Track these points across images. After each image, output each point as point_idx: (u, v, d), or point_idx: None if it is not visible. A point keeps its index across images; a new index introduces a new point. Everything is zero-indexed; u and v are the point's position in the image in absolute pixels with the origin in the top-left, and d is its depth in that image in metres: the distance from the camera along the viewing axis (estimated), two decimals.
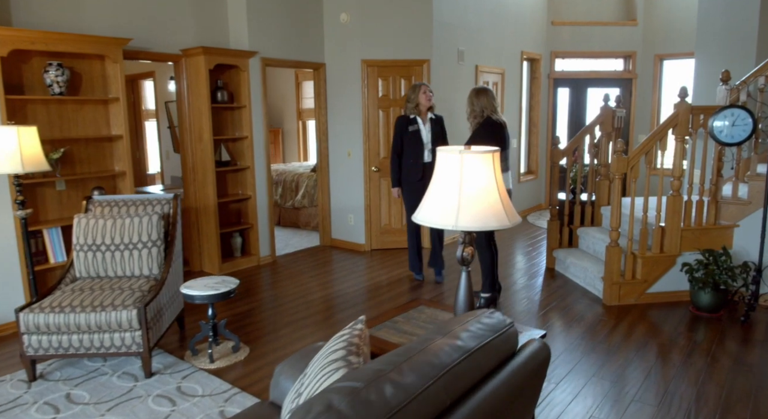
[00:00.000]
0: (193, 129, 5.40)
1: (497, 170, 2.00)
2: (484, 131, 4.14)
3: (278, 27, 5.76)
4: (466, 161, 1.94)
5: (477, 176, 1.93)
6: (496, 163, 2.00)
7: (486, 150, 1.98)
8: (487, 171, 1.95)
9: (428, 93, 4.81)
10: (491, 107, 4.19)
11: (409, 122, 4.83)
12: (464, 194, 1.93)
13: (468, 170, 1.93)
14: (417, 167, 4.78)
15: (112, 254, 3.70)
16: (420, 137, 4.81)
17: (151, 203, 3.99)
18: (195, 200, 5.53)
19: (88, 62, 4.61)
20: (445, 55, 6.28)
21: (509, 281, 5.14)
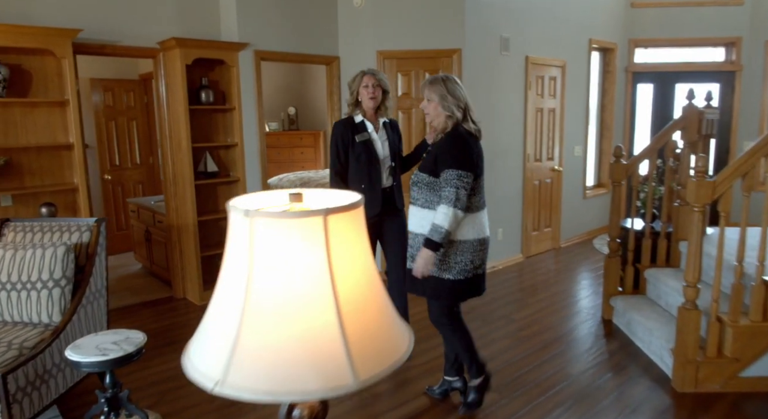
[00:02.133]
0: (172, 135, 4.64)
1: (357, 253, 0.93)
2: (460, 151, 2.55)
3: (278, 15, 4.87)
4: (262, 234, 0.88)
5: (288, 269, 0.87)
6: (354, 236, 0.93)
7: (333, 203, 0.92)
8: (315, 258, 0.88)
9: (372, 86, 3.23)
10: (468, 106, 2.68)
11: (355, 129, 3.31)
12: (251, 312, 0.88)
13: (267, 255, 0.88)
14: (373, 194, 3.28)
15: (8, 295, 2.95)
16: (373, 151, 3.29)
17: (70, 230, 3.22)
18: (176, 217, 4.77)
19: (40, 59, 3.95)
20: (483, 43, 5.10)
21: (546, 335, 3.91)
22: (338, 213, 0.88)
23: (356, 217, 0.94)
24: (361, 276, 0.93)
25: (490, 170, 5.36)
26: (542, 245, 6.25)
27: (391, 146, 3.38)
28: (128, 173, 6.51)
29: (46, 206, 3.96)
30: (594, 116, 6.97)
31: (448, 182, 2.52)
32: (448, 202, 2.50)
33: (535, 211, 6.07)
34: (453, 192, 2.50)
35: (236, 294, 0.90)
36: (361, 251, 0.95)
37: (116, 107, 6.34)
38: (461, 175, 2.52)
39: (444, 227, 2.50)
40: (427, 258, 2.56)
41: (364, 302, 0.92)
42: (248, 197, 1.01)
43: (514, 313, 4.38)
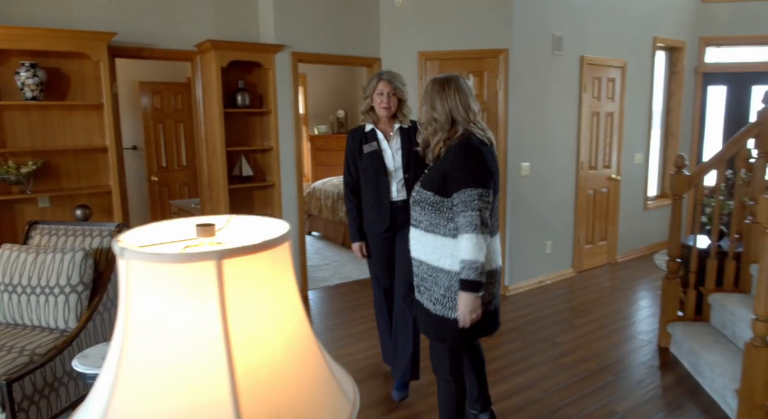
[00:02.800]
0: (207, 139, 4.59)
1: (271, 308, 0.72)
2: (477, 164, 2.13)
3: (317, 16, 4.73)
4: (138, 280, 0.68)
5: (169, 327, 0.67)
6: (269, 286, 0.72)
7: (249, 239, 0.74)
8: (204, 314, 0.67)
9: (388, 92, 2.90)
10: (469, 111, 2.20)
11: (363, 138, 3.04)
12: (125, 378, 0.69)
13: (144, 307, 0.68)
14: (381, 210, 2.99)
15: (28, 299, 2.94)
16: (382, 162, 3.00)
17: (92, 235, 3.18)
18: None
19: (78, 63, 3.98)
20: (534, 42, 4.77)
21: (593, 362, 3.55)
22: (241, 256, 0.67)
23: (275, 260, 0.72)
24: (277, 340, 0.72)
25: (538, 177, 5.06)
26: (596, 259, 5.81)
27: (406, 156, 3.01)
28: (174, 174, 6.58)
29: (81, 209, 3.97)
30: (658, 120, 6.43)
31: (468, 204, 2.07)
32: (473, 229, 2.06)
33: (588, 222, 5.65)
34: (476, 216, 2.06)
35: (112, 354, 0.71)
36: (280, 306, 0.73)
37: (164, 109, 6.43)
38: (482, 194, 2.09)
39: (479, 261, 2.07)
40: (471, 303, 2.11)
41: (276, 375, 0.71)
42: (154, 228, 0.81)
43: (559, 335, 4.03)
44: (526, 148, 4.87)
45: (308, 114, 8.36)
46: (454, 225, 2.14)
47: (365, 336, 4.03)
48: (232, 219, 0.87)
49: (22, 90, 3.70)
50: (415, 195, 2.28)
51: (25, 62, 3.67)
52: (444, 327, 2.23)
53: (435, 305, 2.23)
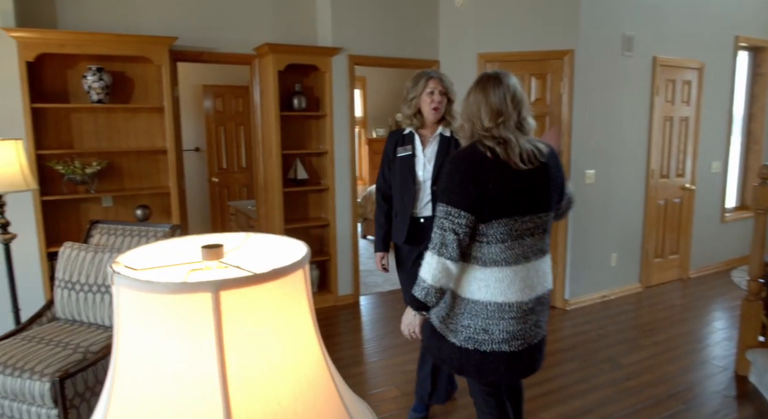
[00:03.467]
0: (264, 142, 4.62)
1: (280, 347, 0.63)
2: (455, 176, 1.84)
3: (374, 18, 4.67)
4: (128, 310, 0.61)
5: (159, 365, 0.59)
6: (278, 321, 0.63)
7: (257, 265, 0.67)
8: (197, 355, 0.59)
9: (440, 90, 2.66)
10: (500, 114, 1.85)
11: (399, 141, 2.78)
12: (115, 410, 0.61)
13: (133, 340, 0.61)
14: (402, 220, 2.75)
15: (85, 296, 3.01)
16: (412, 169, 2.72)
17: (147, 235, 3.23)
18: (265, 223, 4.74)
19: (141, 66, 4.09)
20: (601, 42, 4.51)
21: (660, 388, 3.28)
22: (243, 287, 0.58)
23: (285, 290, 0.63)
24: (285, 384, 0.62)
25: (603, 185, 4.77)
26: (666, 274, 5.43)
27: (438, 167, 2.68)
28: (234, 176, 6.70)
29: (141, 209, 4.09)
30: (738, 126, 5.96)
31: (437, 220, 1.84)
32: (432, 247, 1.83)
33: (658, 234, 5.29)
34: (439, 235, 1.81)
35: (105, 390, 0.64)
36: (290, 344, 0.64)
37: (225, 112, 6.56)
38: (449, 213, 1.80)
39: (426, 281, 1.83)
40: (408, 319, 1.95)
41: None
42: (163, 247, 0.74)
43: (623, 356, 3.76)
44: (591, 154, 4.61)
45: (367, 117, 8.33)
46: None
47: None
48: (250, 237, 0.78)
49: (88, 93, 3.83)
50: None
51: (92, 66, 3.80)
52: (444, 348, 1.98)
53: (439, 323, 2.01)
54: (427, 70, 2.77)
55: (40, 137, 3.74)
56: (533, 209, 1.87)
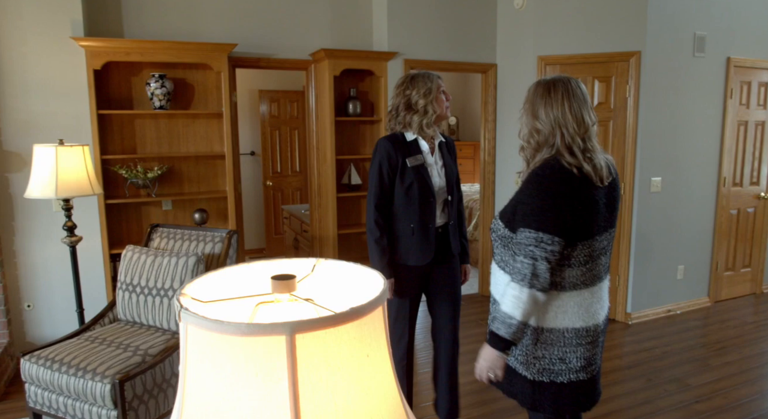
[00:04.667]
0: (318, 147, 4.62)
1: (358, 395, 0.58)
2: (544, 200, 1.67)
3: (430, 22, 4.60)
4: (196, 347, 0.57)
5: (227, 408, 0.55)
6: (354, 366, 0.58)
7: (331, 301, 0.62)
8: (270, 403, 0.54)
9: (446, 93, 2.54)
10: (580, 124, 1.70)
11: (405, 149, 2.50)
12: None
13: (200, 379, 0.57)
14: (425, 238, 2.50)
15: (146, 299, 3.08)
16: (428, 177, 2.51)
17: (205, 240, 3.28)
18: (319, 228, 4.75)
19: (202, 73, 4.18)
20: (670, 43, 4.28)
21: (734, 414, 3.05)
22: (320, 329, 0.53)
23: (363, 331, 0.58)
24: None
25: (670, 193, 4.51)
26: (737, 288, 5.10)
27: (449, 173, 2.57)
28: (287, 179, 6.77)
29: (199, 212, 4.17)
30: None
31: (522, 248, 1.66)
32: (520, 279, 1.64)
33: (729, 246, 4.98)
34: (528, 265, 1.63)
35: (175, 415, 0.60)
36: (367, 389, 0.58)
37: (280, 116, 6.64)
38: (541, 240, 1.62)
39: (515, 318, 1.64)
40: (491, 360, 1.72)
41: None
42: (228, 274, 0.70)
43: (691, 377, 3.54)
44: (657, 161, 4.38)
45: None
46: None
47: (470, 357, 3.81)
48: (319, 264, 0.73)
49: (151, 100, 3.93)
50: (492, 224, 1.88)
51: (155, 73, 3.90)
52: (515, 382, 1.80)
53: (509, 359, 1.82)
54: (425, 71, 2.56)
55: (104, 142, 3.86)
56: (607, 227, 1.75)
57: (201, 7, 4.10)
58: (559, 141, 1.69)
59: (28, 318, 3.78)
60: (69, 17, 3.62)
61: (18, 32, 3.54)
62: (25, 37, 3.56)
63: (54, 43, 3.62)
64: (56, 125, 3.68)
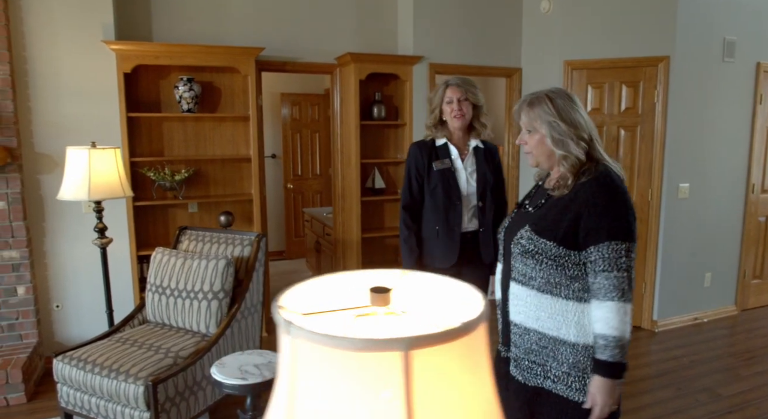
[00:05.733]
0: (343, 150, 4.63)
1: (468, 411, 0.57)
2: (625, 210, 1.63)
3: (456, 26, 4.59)
4: (307, 363, 0.56)
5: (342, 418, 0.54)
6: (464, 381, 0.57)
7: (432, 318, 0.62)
8: (389, 406, 0.54)
9: (458, 98, 2.53)
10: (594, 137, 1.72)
11: (433, 154, 2.63)
12: None
13: (312, 395, 0.56)
14: (450, 241, 2.57)
15: (175, 301, 3.10)
16: (454, 184, 2.59)
17: (234, 243, 3.29)
18: (342, 232, 4.75)
19: (229, 76, 4.20)
20: (699, 48, 4.23)
21: None
22: (434, 346, 0.53)
23: (470, 348, 0.57)
24: None
25: (698, 200, 4.45)
26: (765, 296, 5.03)
27: (481, 180, 2.60)
28: (308, 182, 6.79)
29: (225, 215, 4.18)
30: None
31: (613, 262, 1.57)
32: (620, 295, 1.55)
33: (758, 253, 4.90)
34: (624, 278, 1.56)
35: None
36: (473, 406, 0.57)
37: (302, 119, 6.66)
38: (630, 249, 1.59)
39: (625, 337, 1.56)
40: (612, 392, 1.59)
41: None
42: (317, 285, 0.69)
43: (722, 386, 3.48)
44: (685, 167, 4.33)
45: None
46: (580, 285, 1.64)
47: None
48: (405, 275, 0.73)
49: (179, 103, 3.97)
50: (526, 244, 1.70)
51: (183, 77, 3.93)
52: (570, 413, 1.68)
53: (556, 384, 1.69)
54: (448, 78, 2.62)
55: (132, 145, 3.89)
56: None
57: (228, 11, 4.13)
58: (577, 154, 1.67)
59: (56, 319, 3.82)
60: (100, 21, 3.67)
61: (50, 36, 3.59)
62: (57, 41, 3.60)
63: (85, 46, 3.66)
64: (86, 128, 3.71)
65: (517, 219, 1.82)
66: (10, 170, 3.49)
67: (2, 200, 3.49)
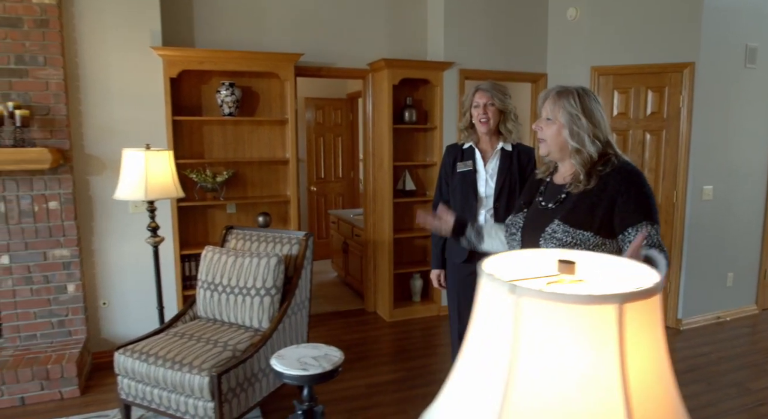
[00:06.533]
0: (375, 153, 4.76)
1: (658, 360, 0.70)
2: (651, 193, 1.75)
3: (485, 32, 4.73)
4: (530, 319, 0.69)
5: (563, 371, 0.67)
6: (655, 335, 0.70)
7: (622, 282, 0.73)
8: (601, 363, 0.66)
9: (485, 104, 2.61)
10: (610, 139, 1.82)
11: (458, 156, 2.78)
12: (511, 412, 0.69)
13: (535, 347, 0.69)
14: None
15: (227, 297, 3.22)
16: (474, 185, 2.71)
17: (282, 242, 3.41)
18: (373, 233, 4.88)
19: (267, 81, 4.34)
20: (723, 55, 4.36)
21: None
22: (641, 300, 0.65)
23: (658, 305, 0.69)
24: (669, 392, 0.68)
25: (721, 202, 4.58)
26: None
27: (504, 182, 2.68)
28: (331, 185, 6.92)
29: (263, 216, 4.31)
30: None
31: (650, 241, 1.66)
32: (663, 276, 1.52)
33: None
34: (665, 257, 1.63)
35: (493, 382, 0.72)
36: (663, 355, 0.70)
37: (325, 123, 6.80)
38: (658, 230, 1.70)
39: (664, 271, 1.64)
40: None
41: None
42: (500, 258, 0.82)
43: (750, 381, 3.60)
44: (709, 170, 4.45)
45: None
46: None
47: None
48: (581, 255, 0.85)
49: (221, 107, 4.10)
50: (562, 237, 1.74)
51: (225, 82, 4.07)
52: None
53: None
54: (479, 83, 2.69)
55: (175, 147, 4.02)
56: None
57: (266, 18, 4.27)
58: (590, 152, 1.75)
59: (102, 315, 3.94)
60: (149, 28, 3.80)
61: (100, 42, 3.72)
62: (107, 47, 3.74)
63: (133, 52, 3.79)
64: (133, 131, 3.84)
65: (535, 217, 1.86)
66: (62, 171, 3.62)
67: (55, 200, 3.62)
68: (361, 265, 5.14)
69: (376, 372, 3.73)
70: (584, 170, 1.75)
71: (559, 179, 1.86)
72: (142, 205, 3.90)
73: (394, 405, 3.30)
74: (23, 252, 3.60)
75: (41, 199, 3.59)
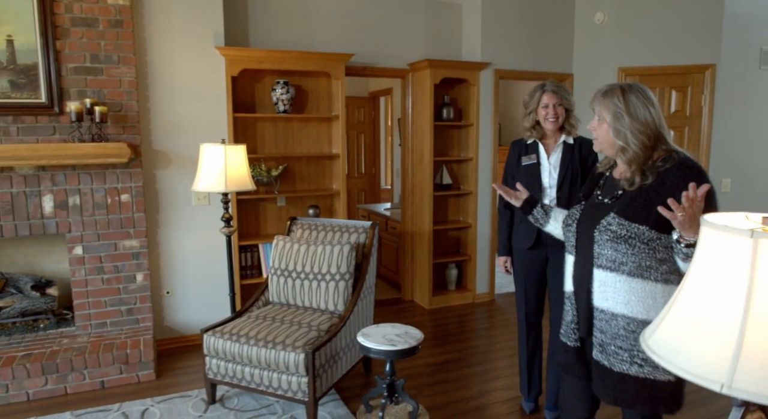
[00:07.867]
0: (414, 149, 5.00)
1: None
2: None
3: (518, 34, 5.00)
4: (766, 255, 0.94)
5: None
6: None
7: None
8: None
9: (554, 104, 2.79)
10: (663, 135, 1.87)
11: (522, 150, 2.99)
12: (755, 328, 0.95)
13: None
14: (529, 226, 2.85)
15: (302, 283, 3.44)
16: (538, 177, 2.91)
17: (348, 231, 3.64)
18: (411, 225, 5.12)
19: (315, 80, 4.55)
20: (740, 57, 4.70)
21: None
22: None
23: None
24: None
25: (738, 195, 4.92)
26: None
27: (566, 173, 2.86)
28: (353, 181, 7.14)
29: (313, 208, 4.52)
30: None
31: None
32: None
33: None
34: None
35: (733, 308, 0.97)
36: None
37: (349, 121, 7.02)
38: None
39: None
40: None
41: None
42: (721, 216, 1.07)
43: None
44: (728, 164, 4.79)
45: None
46: (667, 267, 1.76)
47: None
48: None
49: (276, 104, 4.30)
50: (617, 229, 1.79)
51: (280, 80, 4.27)
52: (656, 392, 1.78)
53: (643, 368, 1.78)
54: (543, 83, 2.86)
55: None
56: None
57: (316, 20, 4.48)
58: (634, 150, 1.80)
59: (166, 304, 4.12)
60: (212, 29, 3.99)
61: (168, 42, 3.90)
62: (174, 47, 3.92)
63: (198, 52, 3.98)
64: (196, 127, 4.03)
65: (592, 210, 1.93)
66: (134, 165, 3.79)
67: (127, 193, 3.79)
68: (397, 256, 5.38)
69: (431, 354, 3.98)
70: (631, 167, 1.81)
71: (617, 174, 1.94)
72: (204, 198, 4.10)
73: (457, 381, 3.55)
74: (96, 243, 3.77)
75: (114, 192, 3.76)
